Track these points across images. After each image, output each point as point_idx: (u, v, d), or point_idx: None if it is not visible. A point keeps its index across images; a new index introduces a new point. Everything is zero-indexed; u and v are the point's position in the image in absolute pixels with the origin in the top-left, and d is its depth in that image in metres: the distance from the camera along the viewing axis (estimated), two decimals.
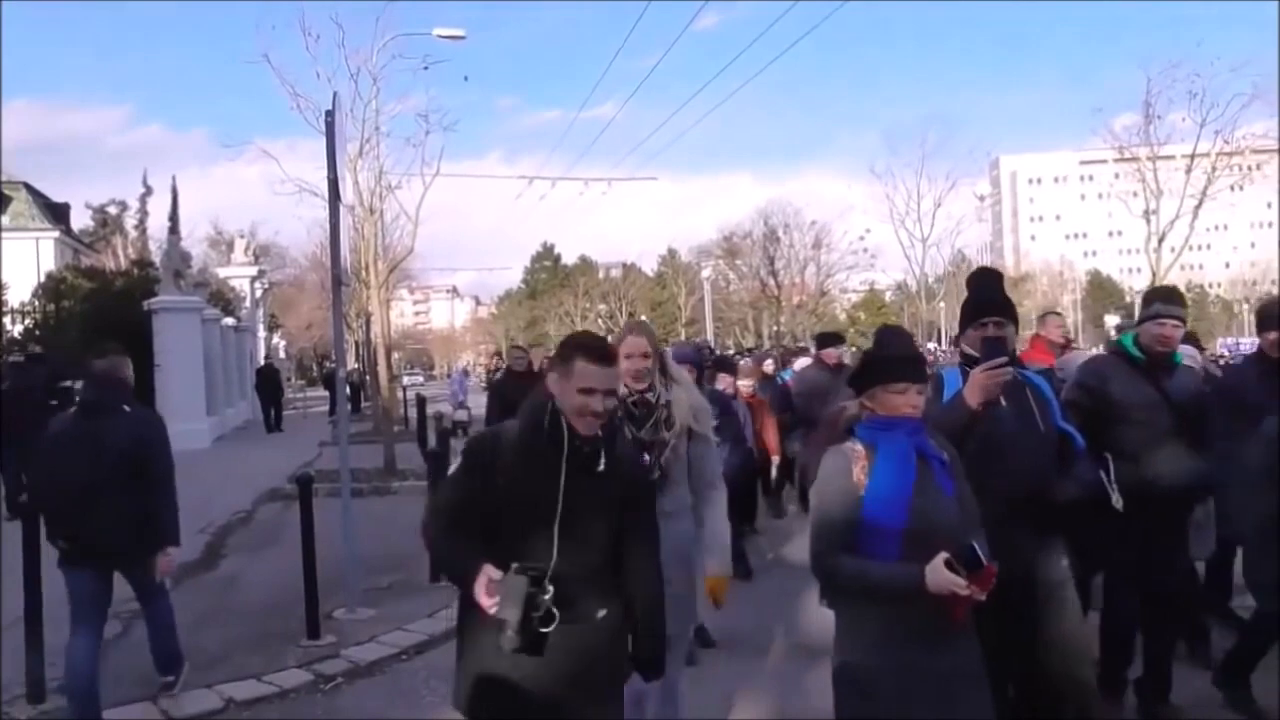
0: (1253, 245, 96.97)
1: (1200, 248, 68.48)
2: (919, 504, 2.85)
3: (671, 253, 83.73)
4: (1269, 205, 70.98)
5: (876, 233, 57.15)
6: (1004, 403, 3.48)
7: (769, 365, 11.34)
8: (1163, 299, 4.53)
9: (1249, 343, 22.04)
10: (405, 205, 17.56)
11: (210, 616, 6.72)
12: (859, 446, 2.95)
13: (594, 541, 2.73)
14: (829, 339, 8.68)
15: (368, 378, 24.93)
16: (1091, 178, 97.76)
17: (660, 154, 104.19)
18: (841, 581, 2.91)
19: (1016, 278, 74.80)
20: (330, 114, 7.34)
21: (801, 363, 11.87)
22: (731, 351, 28.79)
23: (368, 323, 18.89)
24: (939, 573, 2.69)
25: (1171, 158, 34.37)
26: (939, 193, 51.65)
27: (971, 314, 3.75)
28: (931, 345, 48.42)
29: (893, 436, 2.92)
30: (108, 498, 4.82)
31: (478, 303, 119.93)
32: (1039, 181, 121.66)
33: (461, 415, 22.11)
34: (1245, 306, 73.99)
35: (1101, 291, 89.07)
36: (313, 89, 15.45)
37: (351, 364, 32.66)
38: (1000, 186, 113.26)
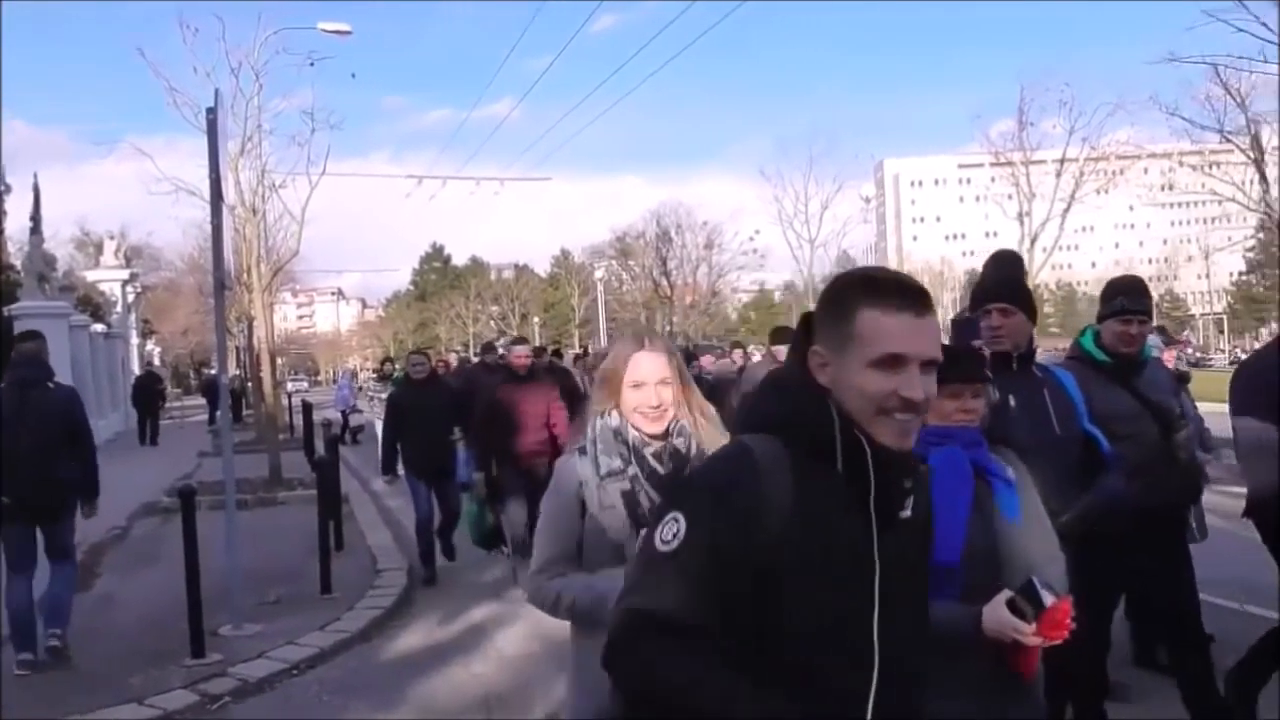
0: (1116, 245, 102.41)
1: (1069, 248, 71.75)
2: (977, 532, 2.32)
3: (565, 253, 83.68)
4: (1130, 208, 74.87)
5: (766, 234, 58.21)
6: (1012, 403, 3.02)
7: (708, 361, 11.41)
8: (1126, 292, 3.82)
9: None
10: (290, 205, 17.05)
11: (86, 638, 6.36)
12: None
13: (919, 634, 1.70)
14: (783, 335, 8.57)
15: (249, 385, 24.13)
16: (969, 180, 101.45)
17: (553, 155, 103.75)
18: None
19: None
20: (212, 111, 7.10)
21: (707, 360, 11.97)
22: None
23: (249, 327, 18.26)
24: (997, 613, 2.13)
25: (1043, 162, 36.11)
26: (826, 195, 52.95)
27: (977, 300, 3.30)
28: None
29: (945, 451, 2.35)
30: (44, 461, 5.74)
31: (364, 305, 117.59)
32: (920, 184, 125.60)
33: (357, 420, 21.57)
34: None
35: None
36: (191, 85, 14.89)
37: (232, 370, 31.58)
38: (884, 189, 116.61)
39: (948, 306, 73.74)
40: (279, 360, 26.83)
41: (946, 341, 2.58)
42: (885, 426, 1.54)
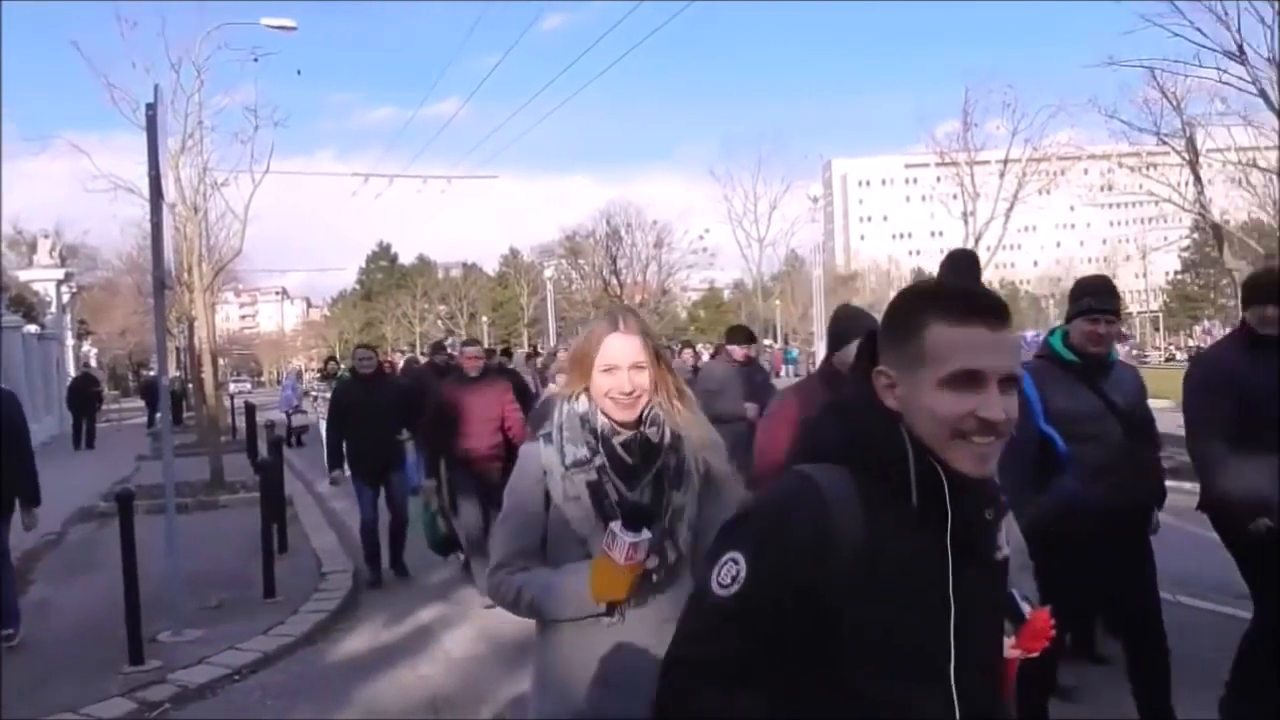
0: (1058, 244, 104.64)
1: (1012, 247, 73.12)
2: None
3: (513, 252, 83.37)
4: (1071, 208, 76.37)
5: (715, 233, 58.58)
6: None
7: None
8: (1093, 292, 3.82)
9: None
10: (232, 203, 16.76)
11: (18, 647, 6.19)
12: None
13: (997, 678, 1.62)
14: (738, 334, 8.54)
15: (190, 386, 23.69)
16: (915, 180, 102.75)
17: (501, 154, 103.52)
18: None
19: (846, 275, 78.10)
20: (152, 107, 6.96)
21: None
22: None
23: (190, 328, 17.89)
24: None
25: (987, 163, 36.77)
26: (774, 194, 53.39)
27: None
28: (768, 342, 49.97)
29: None
30: None
31: (309, 305, 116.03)
32: (868, 184, 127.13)
33: (300, 420, 21.27)
34: (1051, 301, 79.54)
35: None
36: (130, 80, 14.59)
37: (172, 372, 30.95)
38: (832, 188, 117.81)
39: None
40: (221, 361, 26.36)
41: None
42: (962, 451, 1.40)
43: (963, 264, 3.58)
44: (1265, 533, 3.68)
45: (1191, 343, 65.60)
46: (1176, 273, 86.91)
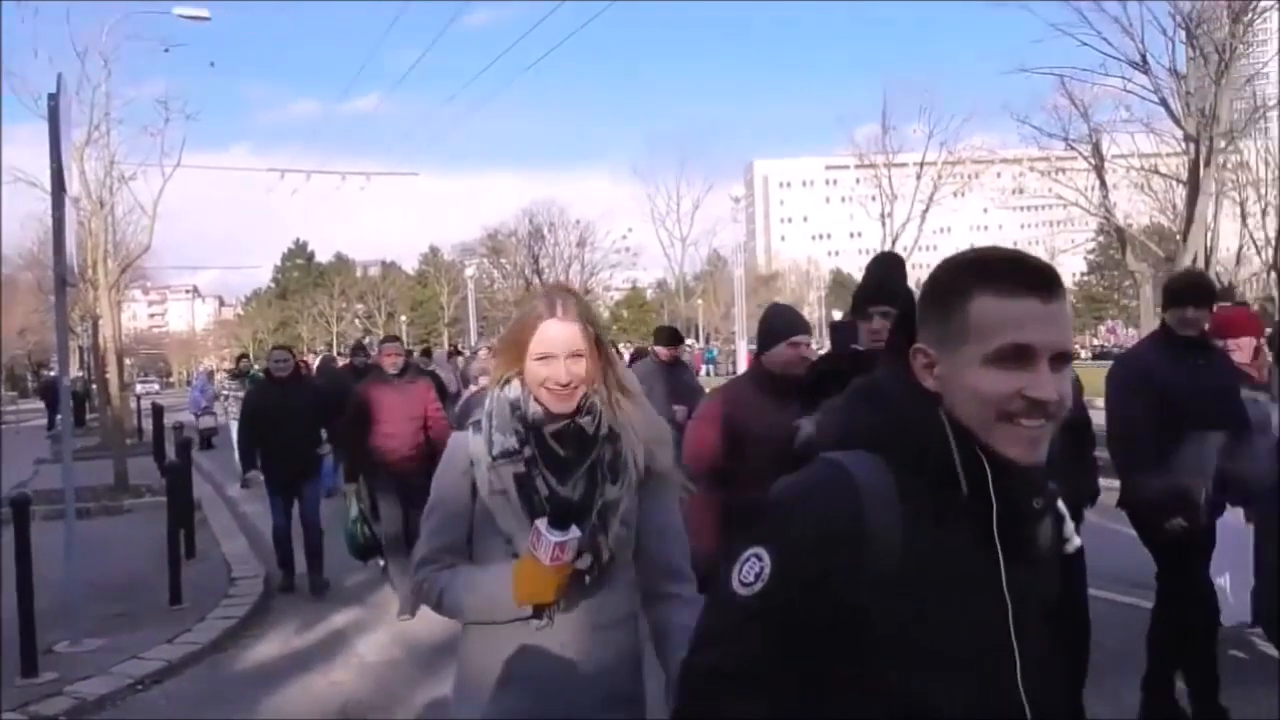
0: (971, 246, 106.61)
1: (928, 248, 74.57)
2: None
3: (434, 250, 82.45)
4: (984, 210, 78.30)
5: (638, 232, 58.83)
6: None
7: None
8: None
9: None
10: (141, 198, 16.24)
11: None
12: None
13: (1058, 682, 1.54)
14: (664, 335, 8.46)
15: (94, 387, 22.88)
16: (835, 182, 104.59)
17: (422, 150, 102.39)
18: None
19: (767, 275, 78.99)
20: (54, 97, 6.71)
21: None
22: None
23: (95, 326, 17.27)
24: None
25: (904, 165, 37.68)
26: (697, 194, 53.82)
27: (859, 303, 3.24)
28: (690, 342, 50.31)
29: None
30: None
31: (222, 304, 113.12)
32: (789, 185, 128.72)
33: (207, 422, 20.63)
34: None
35: (843, 289, 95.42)
36: (31, 69, 14.06)
37: (75, 372, 29.86)
38: (753, 189, 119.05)
39: (814, 304, 75.83)
40: (127, 361, 25.52)
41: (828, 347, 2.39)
42: (1009, 435, 1.27)
43: (888, 266, 3.60)
44: (1181, 531, 3.82)
45: (1096, 342, 67.89)
46: (1082, 274, 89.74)
